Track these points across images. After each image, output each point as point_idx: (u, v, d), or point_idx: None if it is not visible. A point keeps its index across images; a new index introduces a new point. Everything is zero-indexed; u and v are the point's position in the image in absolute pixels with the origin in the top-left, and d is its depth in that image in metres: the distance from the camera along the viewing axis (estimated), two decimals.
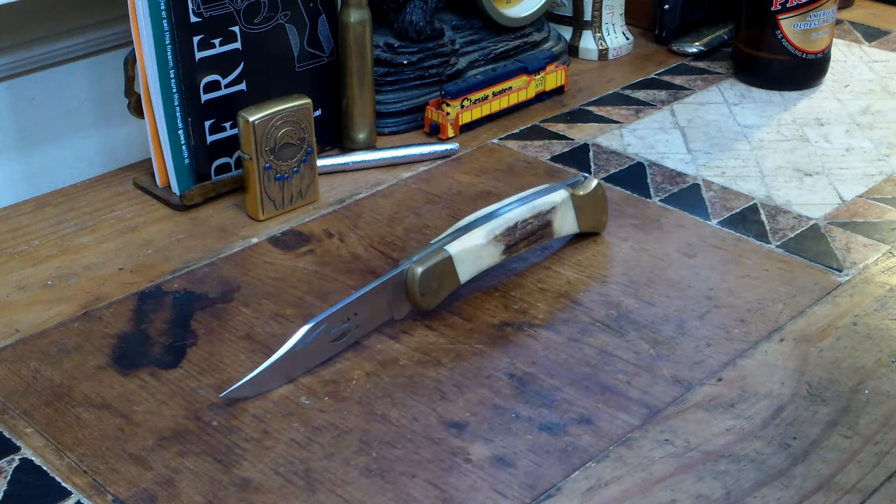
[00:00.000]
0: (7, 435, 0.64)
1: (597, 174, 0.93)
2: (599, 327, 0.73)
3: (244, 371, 0.68)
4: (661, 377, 0.68)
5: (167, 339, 0.73)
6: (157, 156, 0.89)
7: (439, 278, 0.72)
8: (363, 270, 0.80)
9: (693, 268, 0.80)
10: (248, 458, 0.62)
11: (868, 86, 1.11)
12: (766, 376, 0.68)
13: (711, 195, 0.90)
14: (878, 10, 1.31)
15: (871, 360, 0.70)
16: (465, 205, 0.88)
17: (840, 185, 0.91)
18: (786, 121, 1.03)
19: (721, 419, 0.65)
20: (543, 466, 0.61)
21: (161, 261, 0.81)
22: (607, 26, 1.18)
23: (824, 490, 0.59)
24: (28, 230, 0.86)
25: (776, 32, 1.07)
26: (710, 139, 1.00)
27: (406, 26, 1.00)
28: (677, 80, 1.12)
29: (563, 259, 0.81)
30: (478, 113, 1.01)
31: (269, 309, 0.75)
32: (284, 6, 0.90)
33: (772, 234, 0.84)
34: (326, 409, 0.66)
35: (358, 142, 0.97)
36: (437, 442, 0.63)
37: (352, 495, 0.59)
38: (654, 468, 0.61)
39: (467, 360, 0.70)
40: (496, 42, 1.08)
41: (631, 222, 0.86)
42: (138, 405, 0.66)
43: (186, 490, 0.60)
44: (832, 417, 0.65)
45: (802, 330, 0.73)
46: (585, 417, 0.65)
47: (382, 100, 1.00)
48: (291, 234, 0.85)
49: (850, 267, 0.79)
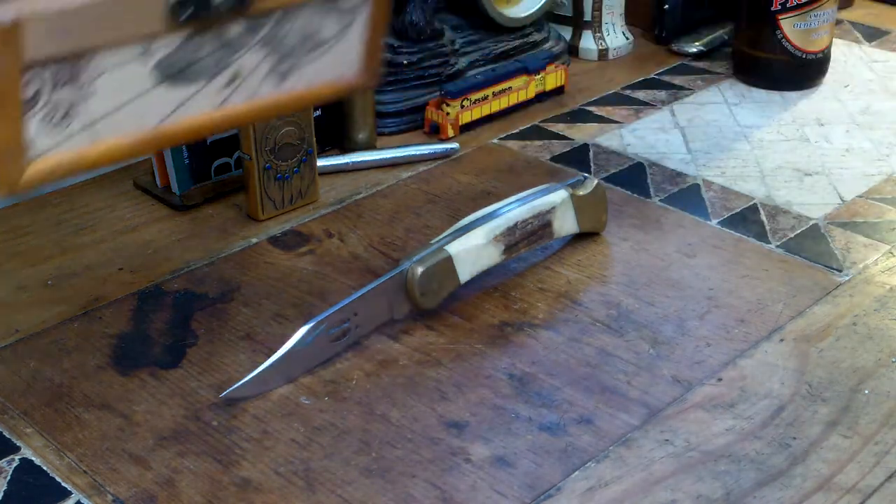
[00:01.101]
0: (7, 435, 0.64)
1: (597, 174, 0.93)
2: (599, 327, 0.73)
3: (244, 371, 0.68)
4: (661, 377, 0.68)
5: (167, 339, 0.73)
6: (156, 155, 0.89)
7: (439, 278, 0.72)
8: (363, 270, 0.80)
9: (693, 268, 0.80)
10: (248, 458, 0.62)
11: (868, 86, 1.11)
12: (766, 376, 0.68)
13: (711, 195, 0.90)
14: (878, 10, 1.31)
15: (871, 360, 0.70)
16: (465, 205, 0.88)
17: (840, 185, 0.91)
18: (786, 121, 1.03)
19: (721, 419, 0.65)
20: (543, 466, 0.61)
21: (161, 261, 0.81)
22: (607, 26, 1.18)
23: (824, 490, 0.59)
24: (28, 230, 0.86)
25: (776, 32, 1.07)
26: (710, 139, 1.00)
27: (406, 26, 1.00)
28: (677, 80, 1.12)
29: (563, 259, 0.81)
30: (478, 113, 1.01)
31: (269, 309, 0.75)
32: None
33: (772, 234, 0.84)
34: (326, 409, 0.66)
35: (358, 142, 0.97)
36: (437, 442, 0.63)
37: (352, 495, 0.59)
38: (654, 468, 0.61)
39: (467, 360, 0.70)
40: (496, 42, 1.09)
41: (631, 222, 0.86)
42: (138, 405, 0.66)
43: (186, 490, 0.60)
44: (832, 417, 0.65)
45: (802, 330, 0.73)
46: (585, 417, 0.65)
47: (382, 100, 1.00)
48: (291, 234, 0.85)
49: (850, 267, 0.79)
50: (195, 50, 0.53)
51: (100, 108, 0.51)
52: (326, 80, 0.60)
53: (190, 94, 0.55)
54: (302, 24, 0.56)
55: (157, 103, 0.54)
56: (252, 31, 0.54)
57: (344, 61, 0.60)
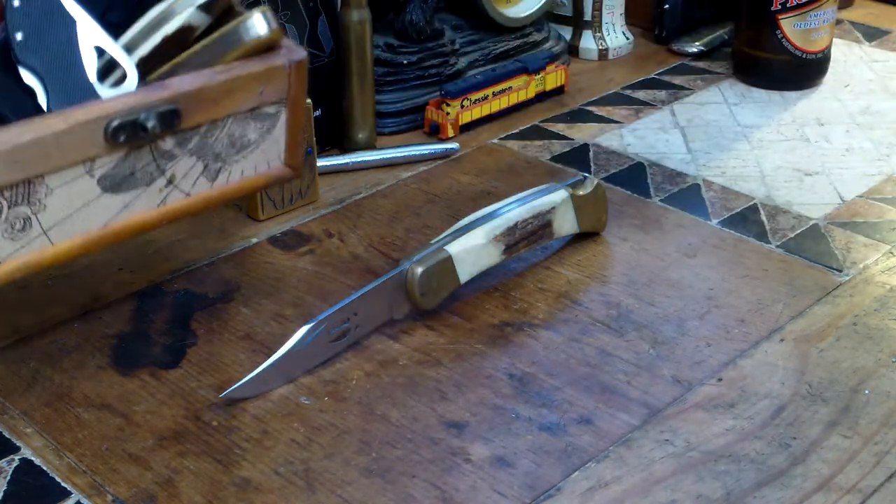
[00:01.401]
0: (7, 435, 0.64)
1: (597, 174, 0.93)
2: (599, 327, 0.73)
3: (244, 371, 0.68)
4: (661, 377, 0.68)
5: (167, 339, 0.73)
6: None
7: (439, 278, 0.72)
8: (363, 270, 0.80)
9: (693, 268, 0.80)
10: (248, 458, 0.62)
11: (868, 86, 1.11)
12: (766, 376, 0.68)
13: (711, 195, 0.90)
14: (878, 10, 1.31)
15: (871, 360, 0.70)
16: (465, 205, 0.88)
17: (840, 184, 0.91)
18: (786, 121, 1.03)
19: (721, 419, 0.65)
20: (543, 466, 0.61)
21: (161, 261, 0.81)
22: (607, 26, 1.18)
23: (824, 490, 0.59)
24: None
25: (776, 32, 1.07)
26: (710, 139, 1.00)
27: (406, 26, 1.00)
28: (677, 80, 1.12)
29: (563, 259, 0.81)
30: (478, 113, 1.01)
31: (269, 309, 0.75)
32: (284, 6, 0.90)
33: (772, 234, 0.84)
34: (326, 409, 0.66)
35: (358, 142, 0.97)
36: (437, 442, 0.63)
37: (352, 495, 0.59)
38: (654, 468, 0.61)
39: (467, 360, 0.70)
40: (496, 42, 1.09)
41: (631, 222, 0.86)
42: (138, 405, 0.66)
43: (186, 490, 0.60)
44: (832, 417, 0.65)
45: (802, 330, 0.73)
46: (585, 417, 0.65)
47: (382, 100, 1.00)
48: (291, 234, 0.85)
49: (850, 267, 0.79)
50: (133, 163, 0.60)
51: (53, 219, 0.58)
52: (254, 175, 0.67)
53: (132, 198, 0.62)
54: (228, 131, 0.63)
55: (103, 209, 0.61)
56: (183, 144, 0.62)
57: (268, 158, 0.67)
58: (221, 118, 0.62)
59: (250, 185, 0.67)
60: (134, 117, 0.59)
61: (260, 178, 0.68)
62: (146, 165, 0.61)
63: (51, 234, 0.59)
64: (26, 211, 0.58)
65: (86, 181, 0.59)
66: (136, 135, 0.59)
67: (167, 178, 0.62)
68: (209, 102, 0.62)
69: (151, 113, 0.59)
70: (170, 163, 0.62)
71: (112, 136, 0.58)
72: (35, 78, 0.61)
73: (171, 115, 0.60)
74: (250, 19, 0.63)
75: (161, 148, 0.61)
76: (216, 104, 0.62)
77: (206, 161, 0.63)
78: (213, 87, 0.62)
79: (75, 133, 0.57)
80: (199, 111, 0.62)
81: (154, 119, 0.59)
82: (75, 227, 0.60)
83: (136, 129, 0.59)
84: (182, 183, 0.63)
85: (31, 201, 0.58)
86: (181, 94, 0.60)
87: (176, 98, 0.60)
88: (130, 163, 0.60)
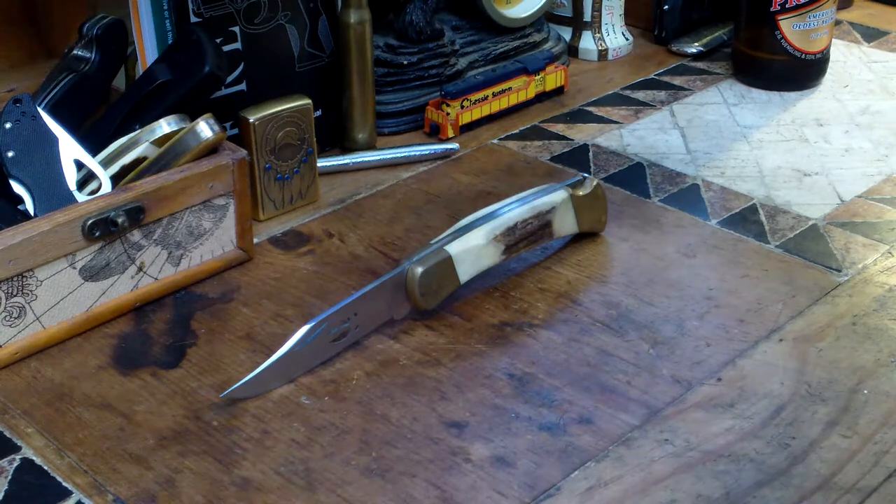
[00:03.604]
0: (8, 435, 0.64)
1: (596, 174, 0.93)
2: (599, 327, 0.73)
3: (244, 371, 0.68)
4: (660, 377, 0.68)
5: (167, 339, 0.73)
6: None
7: (439, 278, 0.72)
8: (363, 270, 0.80)
9: (693, 268, 0.80)
10: (249, 458, 0.62)
11: (867, 86, 1.11)
12: (765, 376, 0.68)
13: (711, 195, 0.90)
14: (878, 11, 1.31)
15: (870, 359, 0.70)
16: (465, 205, 0.88)
17: (839, 185, 0.91)
18: (785, 121, 1.03)
19: (721, 419, 0.65)
20: (543, 466, 0.61)
21: None
22: (607, 27, 1.18)
23: (824, 490, 0.59)
24: None
25: (775, 33, 1.07)
26: (709, 139, 1.00)
27: (406, 27, 1.01)
28: (677, 81, 1.12)
29: (563, 259, 0.81)
30: (478, 113, 1.01)
31: (269, 309, 0.76)
32: (284, 6, 0.90)
33: (771, 234, 0.84)
34: (326, 409, 0.66)
35: (358, 142, 0.97)
36: (437, 442, 0.63)
37: (352, 495, 0.59)
38: (653, 468, 0.61)
39: (467, 360, 0.70)
40: (496, 42, 1.09)
41: (631, 222, 0.86)
42: (139, 405, 0.66)
43: (187, 490, 0.60)
44: (832, 417, 0.65)
45: (802, 330, 0.73)
46: (585, 417, 0.65)
47: (382, 100, 1.00)
48: (291, 235, 0.85)
49: (849, 267, 0.80)
50: (108, 255, 0.72)
51: (43, 306, 0.70)
52: (211, 258, 0.79)
53: (108, 285, 0.73)
54: (186, 222, 0.76)
55: (86, 295, 0.72)
56: (148, 235, 0.74)
57: (222, 243, 0.79)
58: (179, 211, 0.75)
59: (209, 268, 0.78)
60: (106, 215, 0.71)
61: (216, 261, 0.79)
62: (119, 255, 0.73)
63: (43, 319, 0.71)
64: (21, 301, 0.69)
65: (69, 272, 0.71)
66: (108, 230, 0.71)
67: (137, 266, 0.74)
68: (168, 199, 0.74)
69: (120, 210, 0.71)
70: (138, 252, 0.74)
71: (89, 232, 0.70)
72: (23, 188, 0.73)
73: (136, 211, 0.72)
74: (198, 125, 0.75)
75: (130, 240, 0.73)
76: (173, 200, 0.74)
77: (169, 249, 0.75)
78: (170, 185, 0.74)
79: (57, 232, 0.69)
80: (159, 207, 0.74)
81: (123, 215, 0.71)
82: (64, 312, 0.71)
83: (108, 224, 0.71)
84: (150, 269, 0.75)
85: (24, 292, 0.69)
86: (144, 194, 0.73)
87: (140, 197, 0.73)
88: (105, 254, 0.72)
